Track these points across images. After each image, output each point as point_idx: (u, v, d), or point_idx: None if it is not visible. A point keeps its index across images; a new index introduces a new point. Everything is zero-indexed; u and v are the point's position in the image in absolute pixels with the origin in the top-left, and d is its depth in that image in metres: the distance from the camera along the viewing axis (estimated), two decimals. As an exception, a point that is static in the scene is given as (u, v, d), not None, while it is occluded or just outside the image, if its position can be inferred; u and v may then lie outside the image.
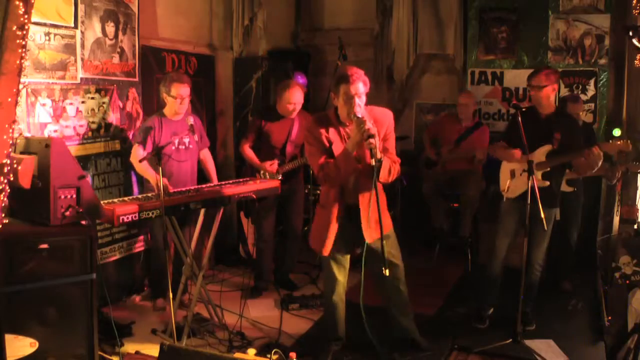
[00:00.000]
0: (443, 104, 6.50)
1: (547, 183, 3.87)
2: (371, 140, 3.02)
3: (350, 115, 3.21)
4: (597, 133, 5.39)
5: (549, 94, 3.94)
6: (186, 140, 4.28)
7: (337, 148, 3.28)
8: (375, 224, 3.28)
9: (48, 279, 2.97)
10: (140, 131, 4.22)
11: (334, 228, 3.42)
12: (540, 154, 3.88)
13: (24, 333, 2.82)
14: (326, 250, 3.45)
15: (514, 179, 4.09)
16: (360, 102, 3.20)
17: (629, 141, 3.76)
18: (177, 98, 4.14)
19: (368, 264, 3.22)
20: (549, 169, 3.88)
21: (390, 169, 3.27)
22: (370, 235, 3.37)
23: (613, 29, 5.43)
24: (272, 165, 4.68)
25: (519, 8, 5.80)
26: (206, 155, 4.57)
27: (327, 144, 3.31)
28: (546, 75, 3.94)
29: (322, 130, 3.32)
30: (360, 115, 3.13)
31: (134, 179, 4.61)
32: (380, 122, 3.30)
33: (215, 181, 4.47)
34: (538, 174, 3.90)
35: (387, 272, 3.08)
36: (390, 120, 3.41)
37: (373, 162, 3.04)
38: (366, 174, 3.25)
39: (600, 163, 3.73)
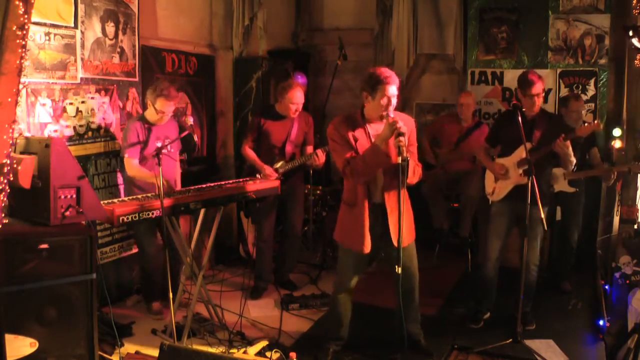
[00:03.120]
0: (443, 104, 6.50)
1: (526, 179, 3.85)
2: (401, 138, 3.07)
3: (382, 115, 3.29)
4: (597, 133, 5.38)
5: (542, 98, 4.01)
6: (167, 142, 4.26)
7: (362, 145, 3.37)
8: (404, 228, 3.32)
9: (48, 279, 2.97)
10: (126, 137, 4.12)
11: (368, 225, 3.45)
12: (520, 152, 3.90)
13: (24, 333, 2.82)
14: (367, 247, 3.47)
15: (498, 181, 4.13)
16: (392, 103, 3.31)
17: (598, 121, 3.77)
18: (159, 113, 4.11)
19: (386, 263, 3.22)
20: (527, 166, 3.88)
21: (414, 169, 3.37)
22: (396, 239, 3.33)
23: (613, 29, 5.43)
24: (272, 174, 4.65)
25: (519, 8, 5.80)
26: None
27: (354, 142, 3.39)
28: (541, 82, 3.97)
29: (349, 129, 3.41)
30: (392, 115, 3.23)
31: (119, 180, 4.55)
32: (406, 126, 3.35)
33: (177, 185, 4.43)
34: (519, 171, 3.96)
35: (399, 270, 3.10)
36: (413, 127, 3.51)
37: (399, 160, 3.05)
38: (392, 173, 3.28)
39: (569, 151, 3.75)
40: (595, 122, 3.78)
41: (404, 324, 3.32)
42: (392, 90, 3.31)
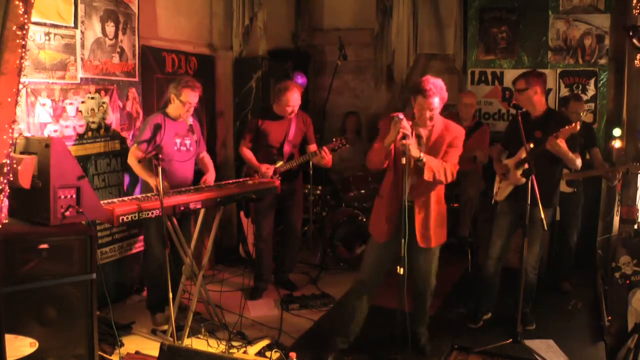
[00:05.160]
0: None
1: (524, 180, 3.83)
2: (404, 140, 3.25)
3: (422, 122, 3.46)
4: (597, 133, 5.39)
5: (531, 97, 3.97)
6: (187, 141, 4.26)
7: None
8: (430, 230, 3.56)
9: (48, 279, 2.97)
10: (143, 129, 4.15)
11: (392, 216, 3.57)
12: (521, 153, 3.91)
13: (24, 333, 2.82)
14: (383, 237, 3.59)
15: (502, 182, 4.15)
16: (431, 114, 3.44)
17: (575, 123, 3.71)
18: (186, 104, 4.07)
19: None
20: (526, 165, 3.86)
21: (445, 169, 3.45)
22: (421, 239, 3.56)
23: (613, 29, 5.43)
24: (269, 169, 4.65)
25: (519, 8, 5.80)
26: (205, 157, 4.48)
27: None
28: (526, 79, 3.99)
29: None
30: (402, 117, 3.33)
31: (126, 180, 4.57)
32: (449, 131, 3.56)
33: (209, 177, 4.35)
34: (518, 172, 3.96)
35: (401, 271, 3.24)
36: (458, 135, 3.59)
37: (403, 161, 3.27)
38: (417, 173, 3.44)
39: (562, 150, 3.71)
40: (573, 124, 3.68)
41: (407, 324, 3.38)
42: (428, 103, 3.39)
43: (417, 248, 3.58)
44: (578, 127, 3.69)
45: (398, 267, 3.22)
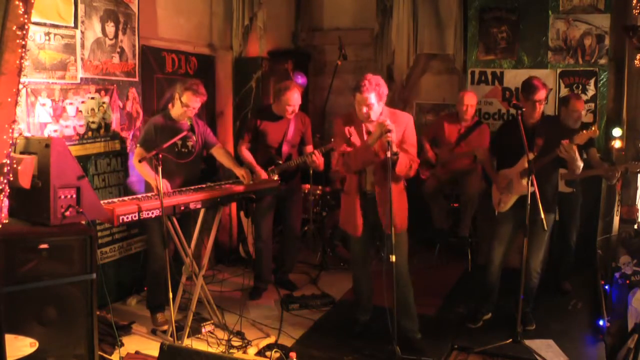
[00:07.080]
0: (443, 104, 6.50)
1: (532, 189, 3.81)
2: (388, 134, 3.39)
3: (361, 117, 3.65)
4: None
5: (543, 105, 3.98)
6: (189, 142, 4.24)
7: (356, 140, 3.71)
8: (394, 217, 3.57)
9: (48, 279, 2.97)
10: (143, 131, 4.18)
11: (360, 212, 3.77)
12: (524, 162, 3.85)
13: (24, 333, 2.82)
14: (358, 231, 3.79)
15: (503, 193, 4.09)
16: (368, 110, 3.58)
17: (595, 128, 3.69)
18: (184, 107, 4.06)
19: (383, 252, 3.60)
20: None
21: (410, 165, 3.60)
22: (387, 226, 3.64)
23: (613, 29, 5.43)
24: (261, 172, 4.58)
25: (519, 8, 5.80)
26: (218, 151, 4.41)
27: (349, 136, 3.73)
28: (545, 89, 3.96)
29: (345, 126, 3.77)
30: (374, 118, 3.56)
31: (121, 179, 4.56)
32: (398, 123, 3.62)
33: (237, 170, 4.29)
34: (523, 181, 3.87)
35: (393, 259, 3.45)
36: (408, 123, 3.73)
37: (389, 155, 3.39)
38: (383, 167, 3.57)
39: (575, 155, 3.70)
40: (593, 128, 3.70)
41: (394, 315, 3.48)
42: (364, 98, 3.54)
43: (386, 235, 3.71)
44: (598, 132, 3.70)
45: (390, 257, 3.45)
